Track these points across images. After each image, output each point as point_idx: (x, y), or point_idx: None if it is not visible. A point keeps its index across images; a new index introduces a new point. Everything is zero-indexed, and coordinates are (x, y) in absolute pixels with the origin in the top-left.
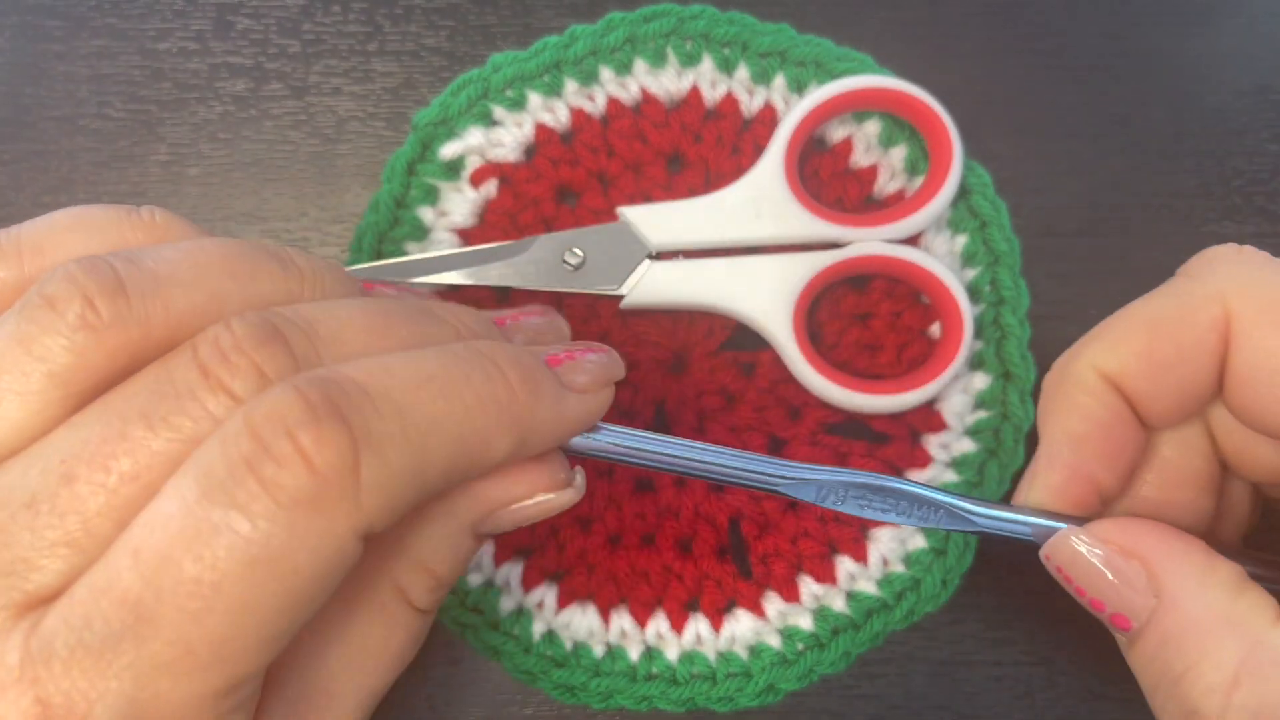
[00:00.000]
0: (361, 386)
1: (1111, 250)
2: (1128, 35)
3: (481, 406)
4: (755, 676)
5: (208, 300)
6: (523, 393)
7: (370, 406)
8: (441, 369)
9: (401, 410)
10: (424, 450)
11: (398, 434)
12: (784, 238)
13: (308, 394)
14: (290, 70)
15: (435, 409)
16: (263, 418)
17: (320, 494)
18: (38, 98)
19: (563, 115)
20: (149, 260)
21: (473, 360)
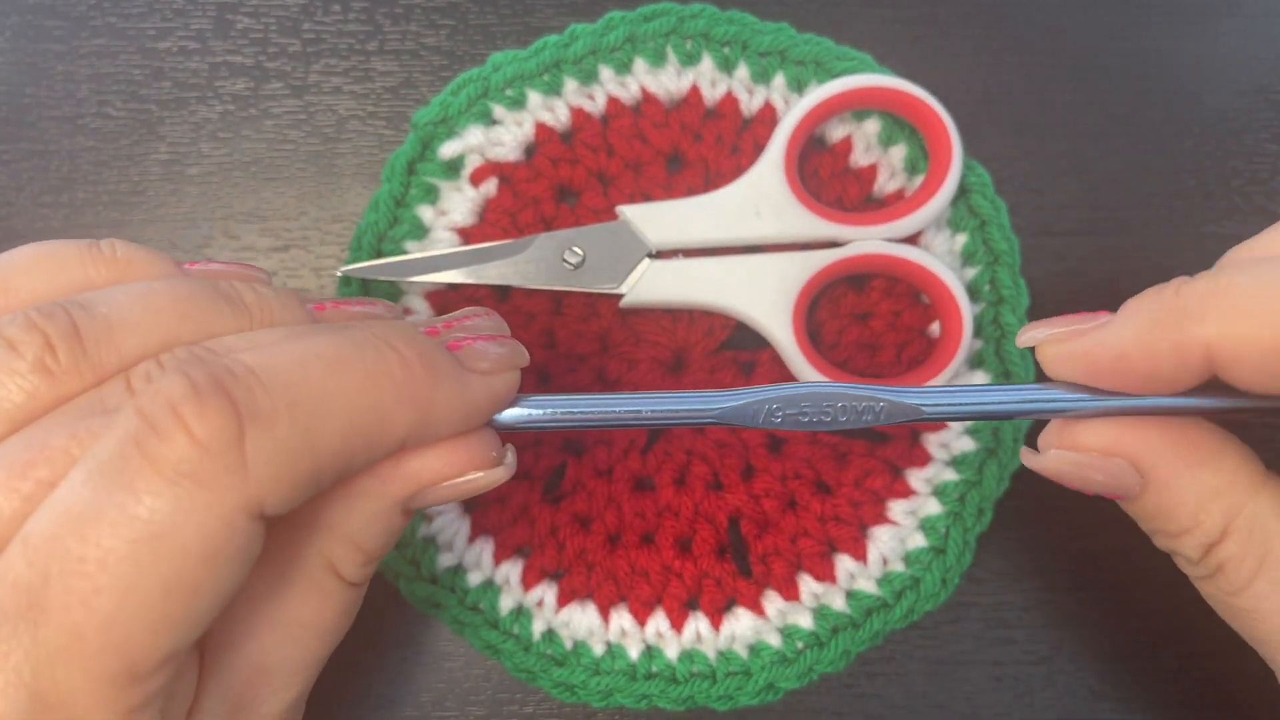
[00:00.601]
0: (249, 366)
1: (1111, 250)
2: (1127, 35)
3: (375, 382)
4: (755, 675)
5: (159, 345)
6: (419, 369)
7: (257, 383)
8: (332, 347)
9: (289, 385)
10: (314, 425)
11: (284, 408)
12: (784, 237)
13: (192, 374)
14: (290, 69)
15: (326, 384)
16: (149, 398)
17: (204, 467)
18: (38, 97)
19: (563, 114)
20: (103, 307)
21: (366, 339)
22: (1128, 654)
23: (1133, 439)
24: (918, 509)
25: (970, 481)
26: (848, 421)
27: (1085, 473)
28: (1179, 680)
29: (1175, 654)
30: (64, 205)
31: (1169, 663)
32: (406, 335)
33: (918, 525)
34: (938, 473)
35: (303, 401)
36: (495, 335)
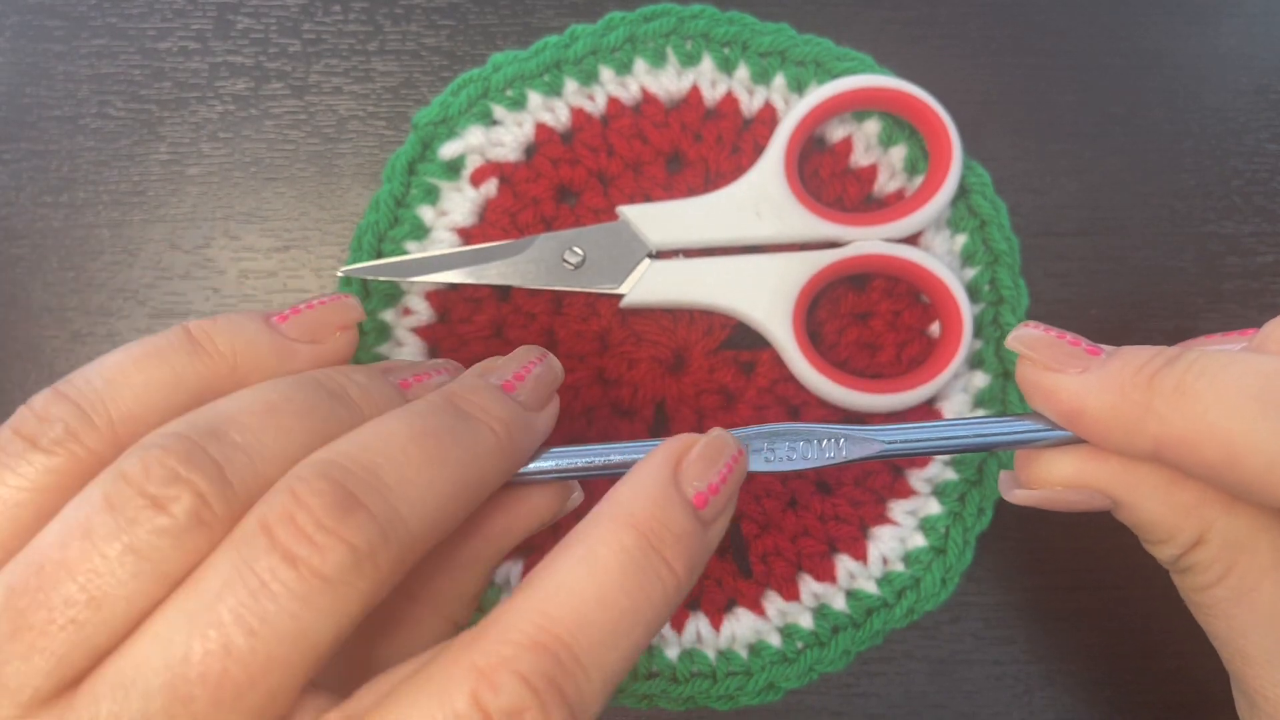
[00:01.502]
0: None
1: (1110, 250)
2: (1127, 35)
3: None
4: (755, 675)
5: (288, 463)
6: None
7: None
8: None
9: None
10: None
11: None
12: (783, 237)
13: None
14: (291, 69)
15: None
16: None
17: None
18: (38, 97)
19: (563, 115)
20: (235, 432)
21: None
22: (1127, 653)
23: (1094, 471)
24: (918, 509)
25: (970, 481)
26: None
27: (1060, 503)
28: (1178, 680)
29: (1174, 653)
30: (64, 205)
31: (1168, 662)
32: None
33: (918, 525)
34: (938, 473)
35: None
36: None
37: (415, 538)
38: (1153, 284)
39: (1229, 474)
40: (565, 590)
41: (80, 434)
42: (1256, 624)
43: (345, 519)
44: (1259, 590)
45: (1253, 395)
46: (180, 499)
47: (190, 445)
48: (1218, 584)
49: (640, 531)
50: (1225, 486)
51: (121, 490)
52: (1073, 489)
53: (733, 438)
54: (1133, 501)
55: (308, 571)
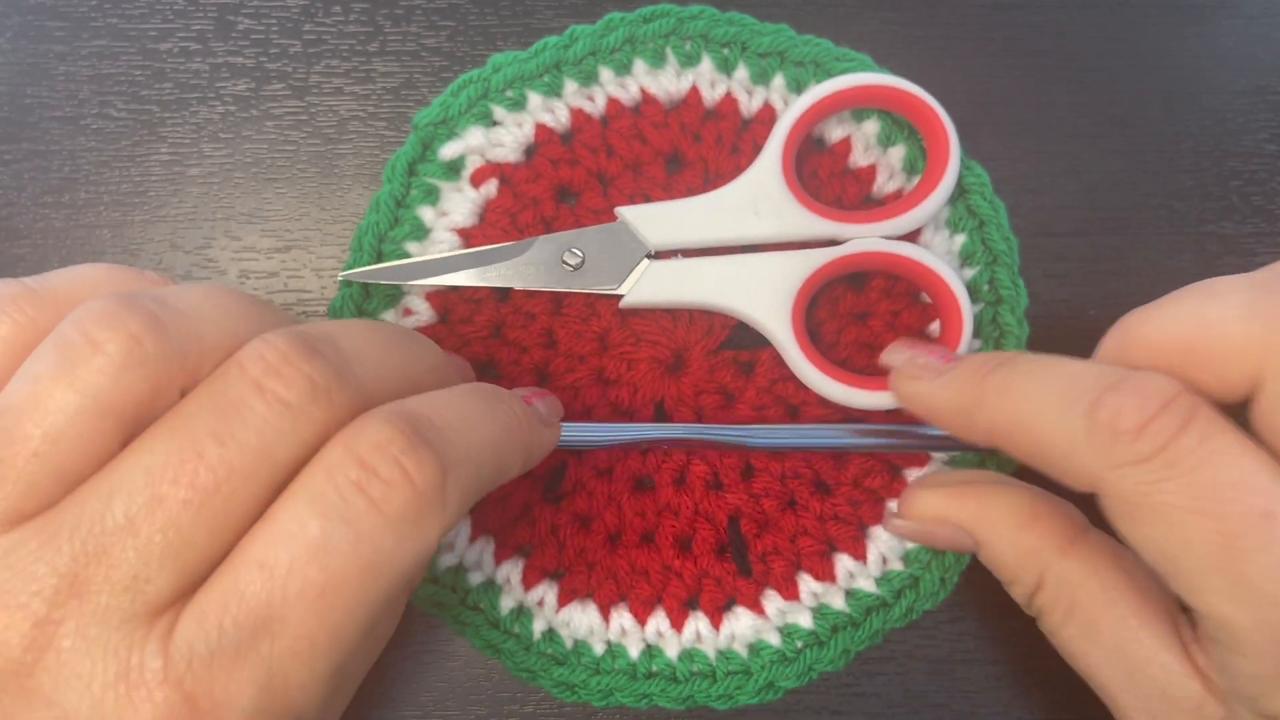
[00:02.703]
0: (430, 420)
1: (1109, 250)
2: (1126, 35)
3: (507, 434)
4: (755, 674)
5: (231, 337)
6: (526, 422)
7: (443, 436)
8: (477, 405)
9: (463, 438)
10: (480, 468)
11: (464, 457)
12: (782, 236)
13: (401, 426)
14: (291, 70)
15: (482, 437)
16: (370, 447)
17: (421, 509)
18: (39, 98)
19: (562, 115)
20: (174, 300)
21: (493, 397)
22: None
23: (957, 509)
24: None
25: None
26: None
27: (929, 537)
28: None
29: None
30: (66, 205)
31: None
32: (509, 395)
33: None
34: (936, 470)
35: (474, 450)
36: (540, 393)
37: (367, 391)
38: (1151, 284)
39: (1039, 460)
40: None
41: (23, 303)
42: (1105, 657)
43: (308, 357)
44: (1100, 625)
45: (1058, 394)
46: (114, 338)
47: (129, 300)
48: (1066, 623)
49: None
50: (1042, 471)
51: (64, 336)
52: (937, 523)
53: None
54: (986, 540)
55: (272, 397)
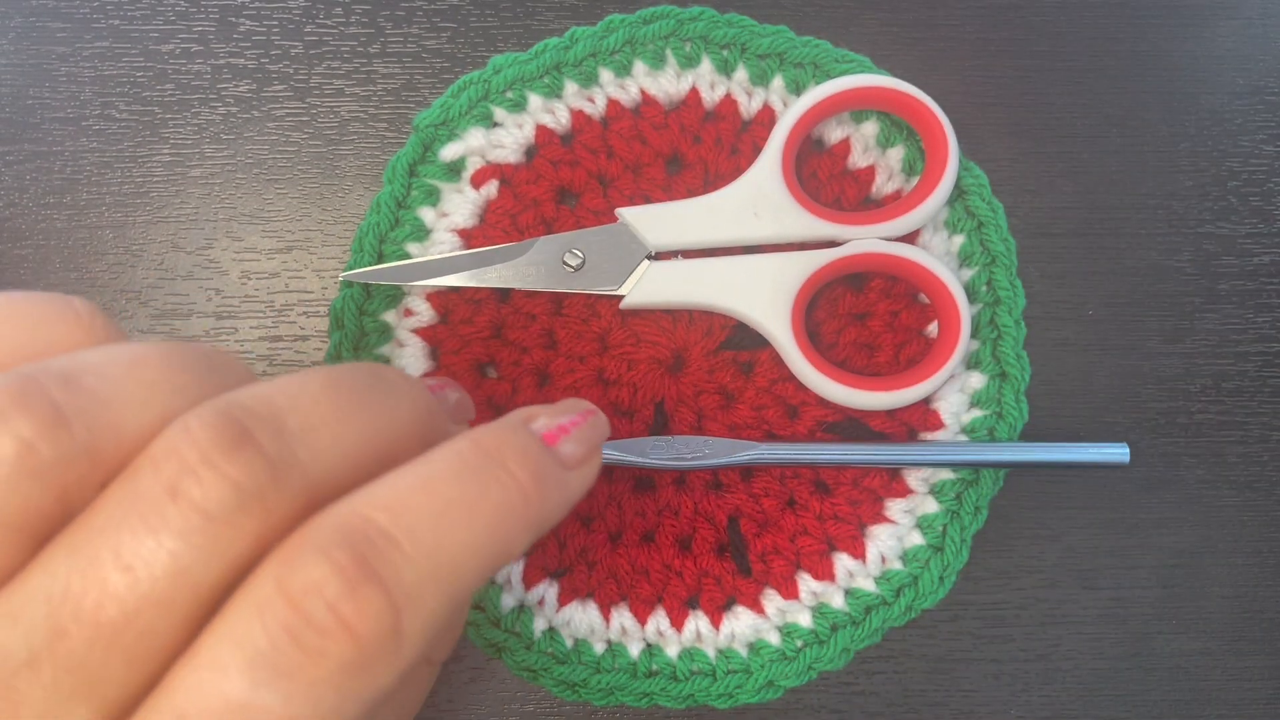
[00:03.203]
0: (387, 533)
1: (1107, 251)
2: (1124, 37)
3: (502, 520)
4: (755, 673)
5: (158, 419)
6: (535, 493)
7: (401, 556)
8: (459, 490)
9: (431, 551)
10: (456, 580)
11: (430, 577)
12: (782, 237)
13: (338, 558)
14: (293, 72)
15: (461, 537)
16: (299, 589)
17: (367, 659)
18: (41, 99)
19: (563, 117)
20: (88, 377)
21: (486, 469)
22: (1124, 652)
23: None
24: (915, 507)
25: (966, 480)
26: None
27: None
28: (1175, 679)
29: (1171, 652)
30: (68, 206)
31: (1165, 661)
32: (520, 451)
33: (915, 524)
34: (934, 472)
35: (445, 563)
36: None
37: (316, 486)
38: (1149, 284)
39: None
40: (387, 484)
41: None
42: None
43: (233, 454)
44: None
45: None
46: (3, 445)
47: (28, 387)
48: None
49: (479, 444)
50: None
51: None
52: None
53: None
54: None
55: (188, 506)
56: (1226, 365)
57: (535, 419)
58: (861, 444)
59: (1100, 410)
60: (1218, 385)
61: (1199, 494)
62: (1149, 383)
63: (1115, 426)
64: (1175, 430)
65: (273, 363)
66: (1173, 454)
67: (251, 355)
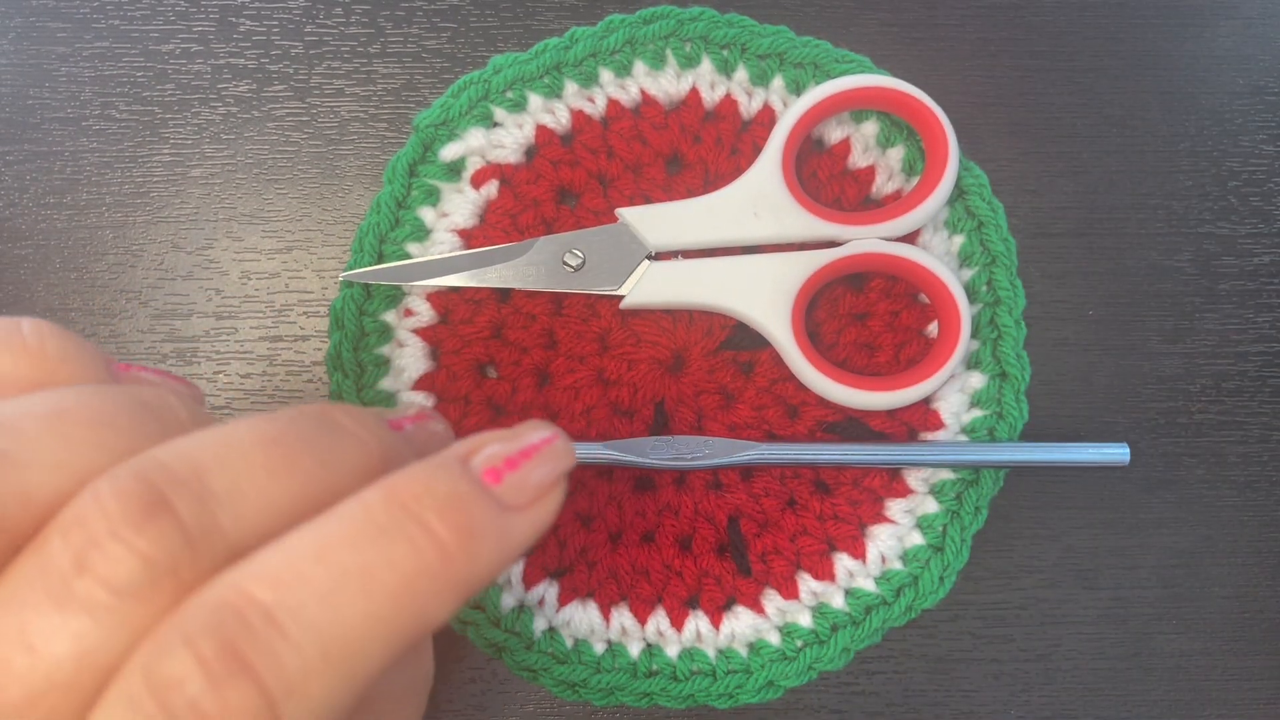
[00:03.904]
0: (267, 613)
1: (1107, 251)
2: (1124, 37)
3: (411, 587)
4: (755, 673)
5: (76, 484)
6: (459, 551)
7: (279, 639)
8: (357, 556)
9: (319, 631)
10: (352, 664)
11: (318, 661)
12: (782, 237)
13: (201, 646)
14: (293, 72)
15: (358, 612)
16: (162, 684)
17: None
18: (41, 99)
19: (563, 117)
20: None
21: (395, 526)
22: (1124, 652)
23: None
24: (915, 507)
25: (967, 480)
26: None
27: None
28: (1175, 679)
29: (1171, 652)
30: (68, 206)
31: (1165, 661)
32: (442, 500)
33: (915, 523)
34: (934, 472)
35: (337, 644)
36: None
37: (240, 552)
38: (1149, 285)
39: None
40: (279, 549)
41: None
42: None
43: (144, 525)
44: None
45: None
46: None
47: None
48: None
49: (392, 494)
50: None
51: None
52: None
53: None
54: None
55: (94, 582)
56: (1226, 365)
57: (479, 451)
58: (861, 444)
59: (1100, 410)
60: (1218, 385)
61: (1199, 494)
62: (1149, 383)
63: (1115, 426)
64: (1175, 430)
65: (273, 363)
66: (1173, 454)
67: (251, 355)
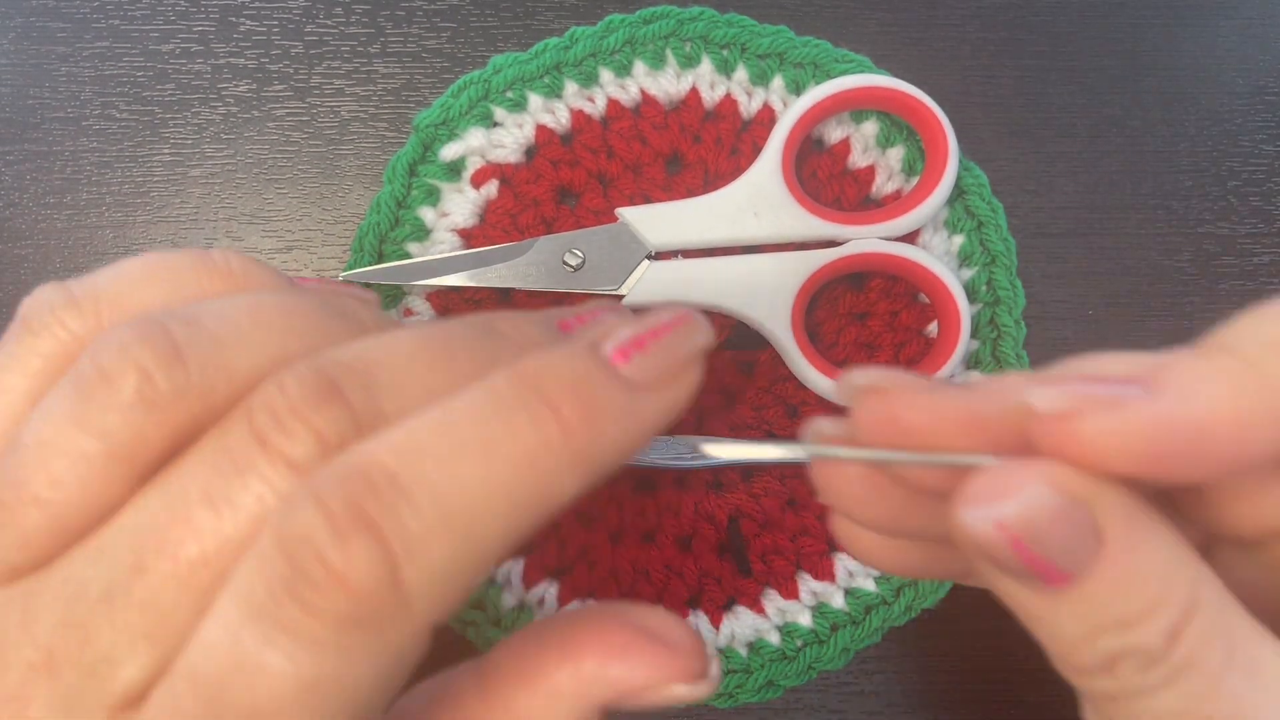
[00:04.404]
0: (391, 475)
1: (1107, 251)
2: (1124, 37)
3: (532, 461)
4: (755, 673)
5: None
6: (582, 426)
7: (403, 501)
8: (480, 429)
9: (440, 496)
10: (472, 531)
11: (439, 525)
12: (782, 236)
13: (330, 504)
14: (293, 72)
15: (478, 481)
16: (292, 537)
17: (365, 613)
18: (42, 99)
19: (563, 116)
20: (208, 320)
21: (518, 405)
22: None
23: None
24: None
25: None
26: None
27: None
28: None
29: None
30: (68, 206)
31: None
32: (566, 378)
33: None
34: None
35: (457, 510)
36: (662, 326)
37: None
38: (1149, 285)
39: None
40: (408, 423)
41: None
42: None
43: (320, 406)
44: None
45: None
46: (126, 374)
47: (152, 326)
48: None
49: (519, 374)
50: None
51: (79, 369)
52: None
53: (678, 305)
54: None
55: (276, 455)
56: None
57: (612, 335)
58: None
59: None
60: None
61: None
62: None
63: None
64: None
65: None
66: None
67: None
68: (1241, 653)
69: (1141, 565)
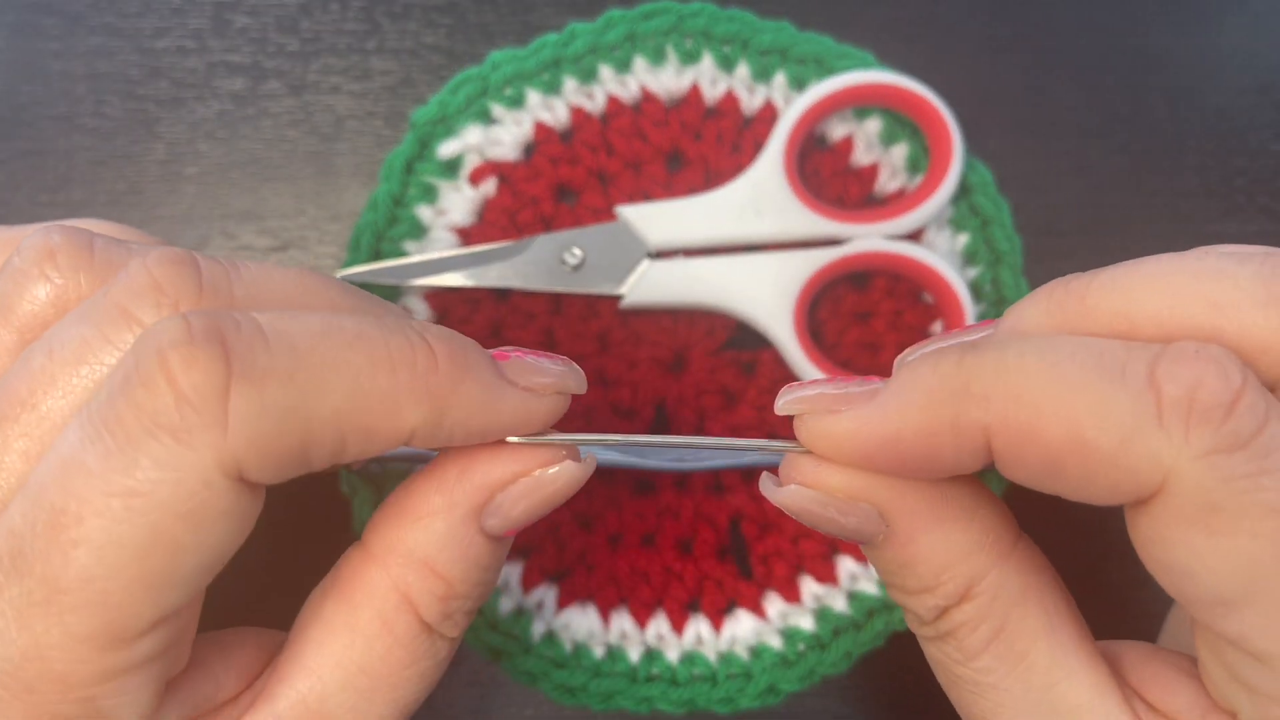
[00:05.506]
0: (258, 325)
1: (1113, 249)
2: (1130, 33)
3: (390, 366)
4: (756, 677)
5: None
6: (445, 364)
7: (260, 340)
8: (358, 327)
9: (297, 352)
10: (310, 393)
11: (284, 372)
12: (784, 235)
13: (192, 320)
14: (288, 68)
15: (336, 356)
16: (147, 344)
17: (182, 420)
18: (34, 96)
19: (562, 113)
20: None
21: (397, 327)
22: None
23: (882, 487)
24: None
25: None
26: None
27: (828, 513)
28: None
29: None
30: (61, 204)
31: None
32: (446, 334)
33: None
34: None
35: (305, 369)
36: (544, 355)
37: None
38: None
39: (1073, 458)
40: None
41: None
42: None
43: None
44: (1030, 657)
45: (1091, 366)
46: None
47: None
48: (984, 650)
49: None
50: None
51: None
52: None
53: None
54: (908, 530)
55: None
56: None
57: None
58: None
59: None
60: None
61: None
62: None
63: None
64: None
65: None
66: None
67: None
68: (1007, 642)
69: (920, 554)
